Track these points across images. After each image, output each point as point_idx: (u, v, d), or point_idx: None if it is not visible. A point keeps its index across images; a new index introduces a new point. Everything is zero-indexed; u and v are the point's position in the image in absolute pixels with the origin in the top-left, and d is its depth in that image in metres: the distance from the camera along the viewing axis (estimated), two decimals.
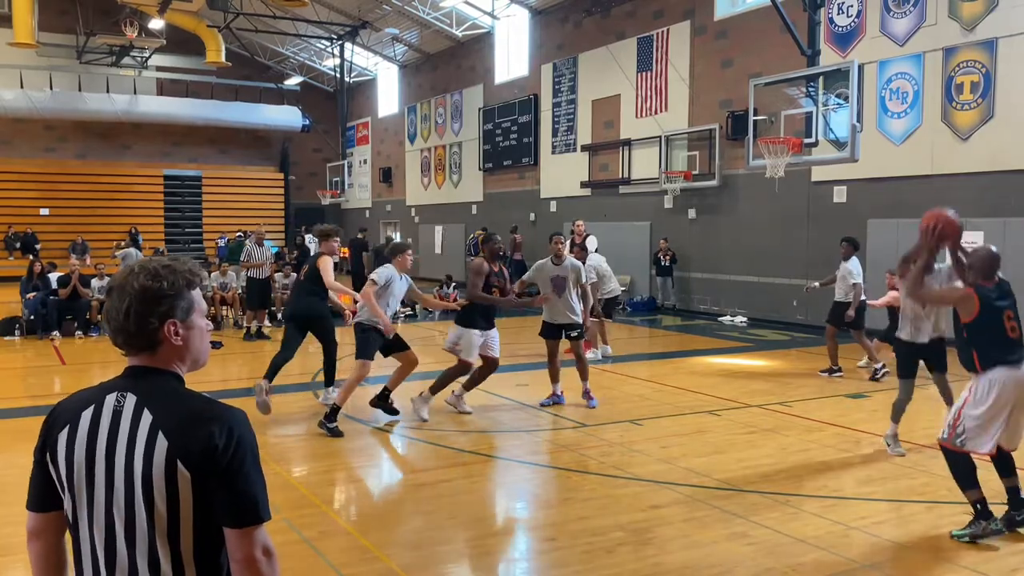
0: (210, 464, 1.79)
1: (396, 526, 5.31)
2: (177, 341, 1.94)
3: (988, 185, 12.71)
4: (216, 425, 1.82)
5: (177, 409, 1.87)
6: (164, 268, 1.93)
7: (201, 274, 2.02)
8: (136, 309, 1.91)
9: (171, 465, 1.80)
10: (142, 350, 1.97)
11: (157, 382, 1.95)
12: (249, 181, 34.10)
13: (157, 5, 24.26)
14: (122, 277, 1.95)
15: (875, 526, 5.15)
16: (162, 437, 1.82)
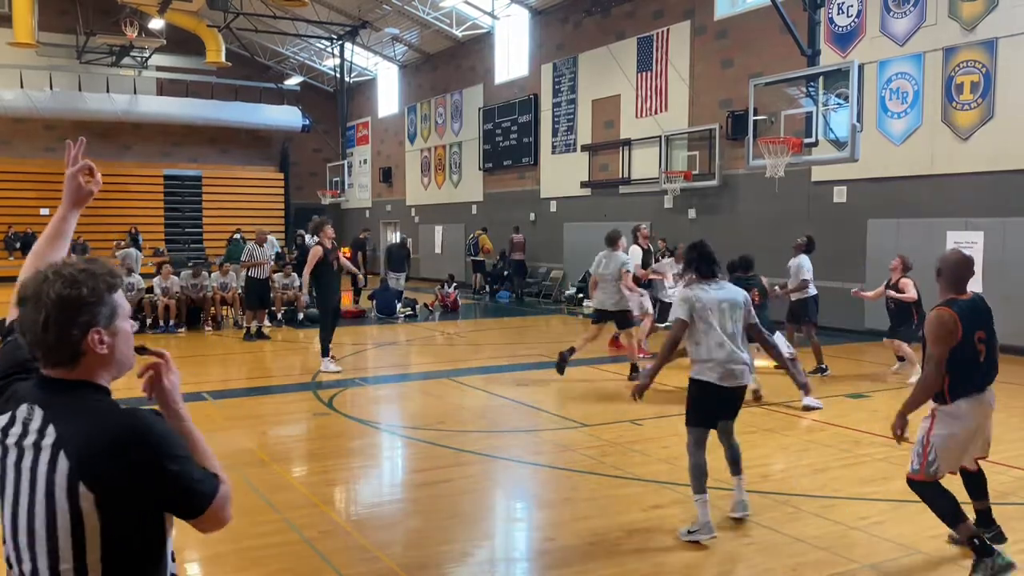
0: (125, 482, 1.73)
1: (396, 526, 5.31)
2: (102, 350, 1.81)
3: (988, 185, 12.71)
4: (123, 443, 1.73)
5: (85, 427, 1.76)
6: (82, 273, 1.80)
7: (120, 275, 1.91)
8: (55, 319, 1.75)
9: (73, 486, 1.72)
10: (62, 363, 1.80)
11: (70, 396, 1.81)
12: (249, 181, 34.11)
13: (157, 5, 24.27)
14: (35, 285, 1.79)
15: (875, 526, 5.15)
16: (64, 457, 1.73)
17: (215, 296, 15.46)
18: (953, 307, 4.35)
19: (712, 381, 5.04)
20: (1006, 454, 6.86)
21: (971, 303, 4.44)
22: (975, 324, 4.37)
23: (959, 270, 4.48)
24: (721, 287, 5.17)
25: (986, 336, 4.46)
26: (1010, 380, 10.38)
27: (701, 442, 5.18)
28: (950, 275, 4.47)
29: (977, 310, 4.45)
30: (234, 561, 4.62)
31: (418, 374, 11.08)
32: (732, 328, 5.09)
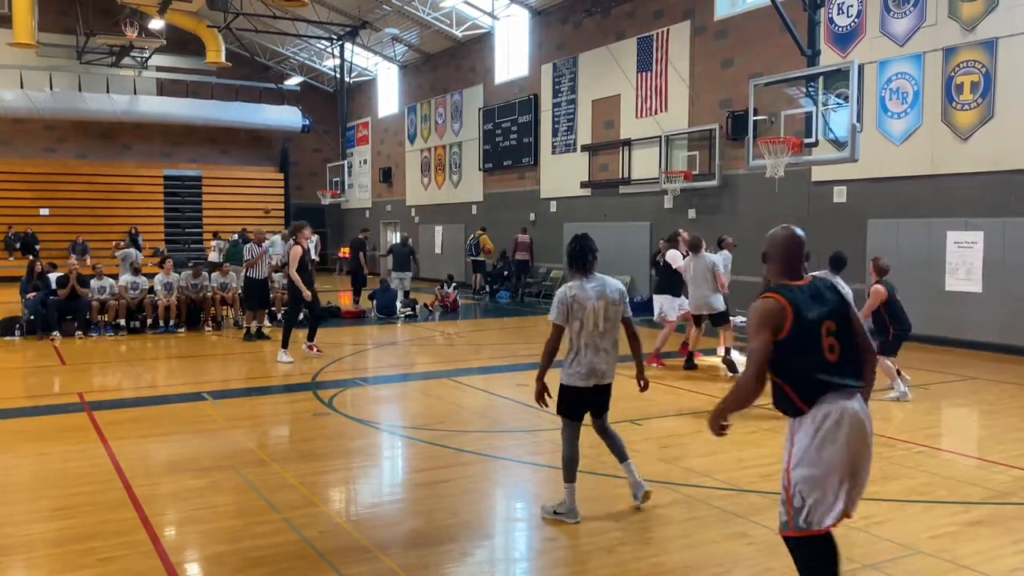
0: None
1: (396, 526, 5.31)
2: None
3: (988, 185, 12.72)
4: None
5: None
6: None
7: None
8: None
9: None
10: None
11: None
12: (249, 181, 34.12)
13: (157, 5, 24.27)
14: None
15: (875, 526, 5.15)
16: None
17: (215, 296, 15.47)
18: (783, 293, 3.46)
19: (576, 385, 5.22)
20: (1006, 454, 6.86)
21: (810, 289, 3.52)
22: (817, 314, 3.44)
23: (789, 250, 3.60)
24: (600, 282, 5.24)
25: (837, 328, 3.47)
26: (1010, 380, 10.40)
27: (574, 434, 5.39)
28: (778, 256, 3.62)
29: (820, 297, 3.50)
30: (234, 561, 4.62)
31: (418, 374, 11.08)
32: (604, 326, 5.17)
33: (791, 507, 3.40)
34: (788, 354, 3.40)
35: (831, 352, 3.42)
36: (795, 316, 3.39)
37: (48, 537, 4.99)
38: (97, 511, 5.41)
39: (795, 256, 3.60)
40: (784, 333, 3.39)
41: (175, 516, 5.44)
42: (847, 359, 3.46)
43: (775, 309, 3.42)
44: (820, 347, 3.41)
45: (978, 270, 12.75)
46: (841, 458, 3.34)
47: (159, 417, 8.37)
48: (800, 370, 3.42)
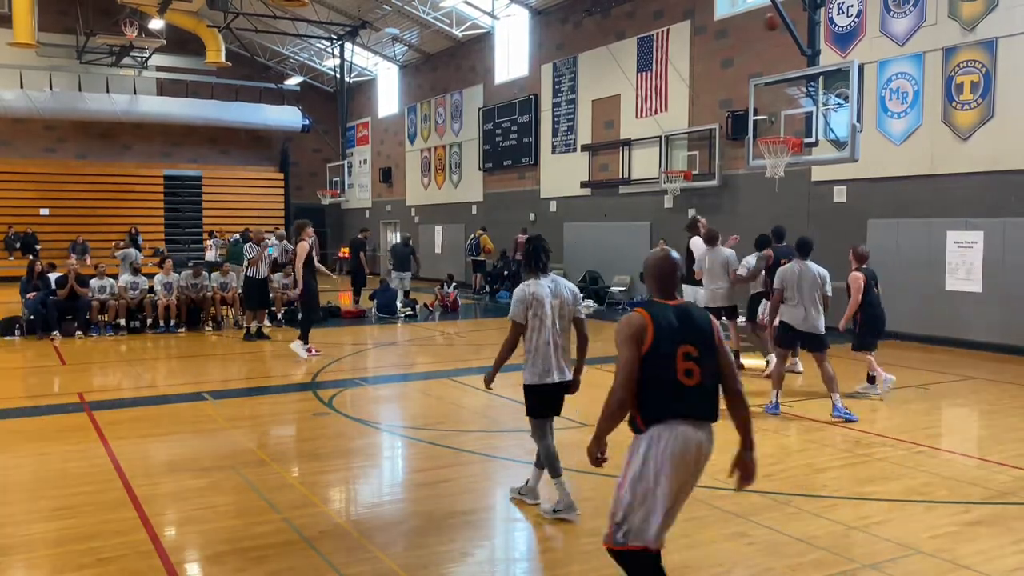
0: None
1: (396, 526, 5.31)
2: None
3: (988, 185, 12.71)
4: None
5: None
6: None
7: None
8: None
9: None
10: None
11: None
12: (249, 181, 34.11)
13: (157, 5, 24.27)
14: None
15: (875, 526, 5.15)
16: None
17: (215, 296, 15.47)
18: (648, 308, 3.54)
19: (539, 383, 5.32)
20: (1006, 454, 6.86)
21: (679, 310, 3.54)
22: (678, 336, 3.45)
23: (661, 271, 3.67)
24: (553, 281, 5.33)
25: (699, 355, 3.46)
26: (1010, 380, 10.40)
27: (545, 431, 5.47)
28: (651, 276, 3.71)
29: (687, 321, 3.52)
30: (234, 561, 4.63)
31: (418, 374, 11.08)
32: (560, 324, 5.30)
33: (612, 520, 3.52)
34: (643, 370, 3.44)
35: (687, 376, 3.43)
36: (654, 333, 3.43)
37: (48, 537, 4.99)
38: (97, 511, 5.41)
39: (667, 277, 3.66)
40: (645, 348, 3.43)
41: (175, 516, 5.44)
42: (705, 389, 3.47)
43: (638, 323, 3.47)
44: (674, 369, 3.42)
45: (978, 270, 12.75)
46: (665, 487, 3.41)
47: (159, 417, 8.38)
48: (648, 386, 3.44)
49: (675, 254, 3.75)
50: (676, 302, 3.60)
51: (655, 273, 3.68)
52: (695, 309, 3.63)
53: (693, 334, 3.49)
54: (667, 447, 3.41)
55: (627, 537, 3.46)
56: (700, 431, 3.46)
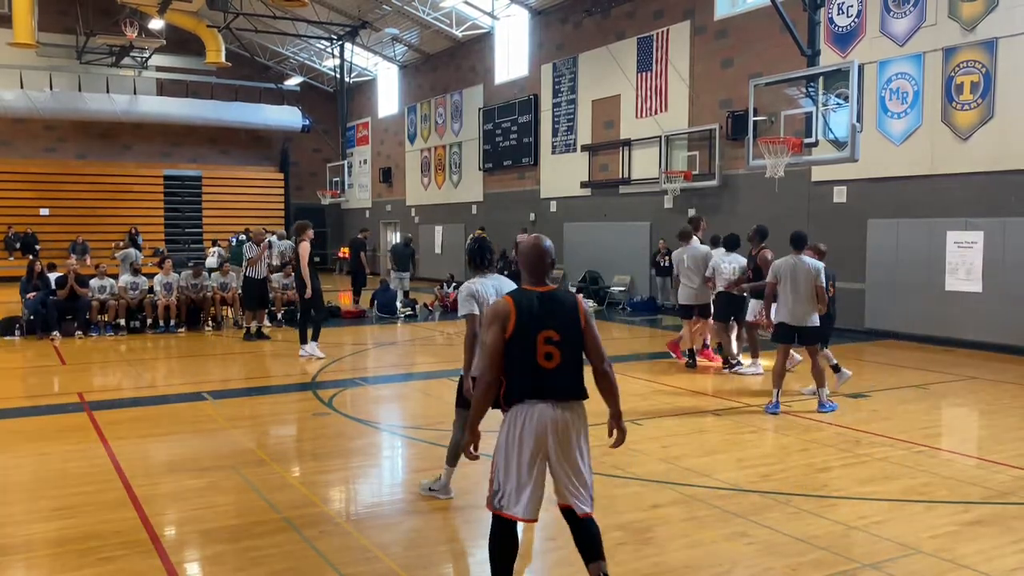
0: None
1: (396, 526, 5.31)
2: None
3: (988, 185, 12.72)
4: None
5: None
6: None
7: None
8: None
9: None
10: None
11: None
12: (249, 181, 34.12)
13: (157, 5, 24.27)
14: None
15: (875, 526, 5.15)
16: None
17: (215, 296, 15.47)
18: (514, 295, 3.76)
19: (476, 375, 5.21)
20: (1006, 454, 6.86)
21: (544, 297, 3.74)
22: (539, 322, 3.66)
23: (531, 258, 3.83)
24: (497, 280, 5.37)
25: (560, 339, 3.68)
26: (1010, 380, 10.40)
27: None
28: (522, 263, 3.88)
29: (552, 307, 3.72)
30: (234, 561, 4.63)
31: (418, 374, 11.08)
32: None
33: (491, 487, 3.82)
34: (507, 354, 3.68)
35: (547, 360, 3.66)
36: (517, 318, 3.65)
37: (48, 537, 4.99)
38: (97, 511, 5.41)
39: (536, 264, 3.83)
40: (508, 333, 3.66)
41: (175, 516, 5.44)
42: (566, 370, 3.69)
43: (502, 309, 3.72)
44: (535, 352, 3.65)
45: (978, 270, 12.75)
46: (526, 459, 3.68)
47: (159, 417, 8.37)
48: (511, 370, 3.69)
49: (548, 242, 3.90)
50: (544, 288, 3.79)
51: (523, 260, 3.86)
52: (562, 295, 3.80)
53: (555, 319, 3.70)
54: (526, 425, 3.68)
55: (502, 504, 3.75)
56: (558, 409, 3.69)
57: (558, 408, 3.70)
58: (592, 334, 3.79)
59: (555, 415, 3.69)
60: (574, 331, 3.73)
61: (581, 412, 3.78)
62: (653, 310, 18.74)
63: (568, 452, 3.73)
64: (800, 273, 8.42)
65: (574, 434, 3.74)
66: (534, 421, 3.68)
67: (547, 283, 3.83)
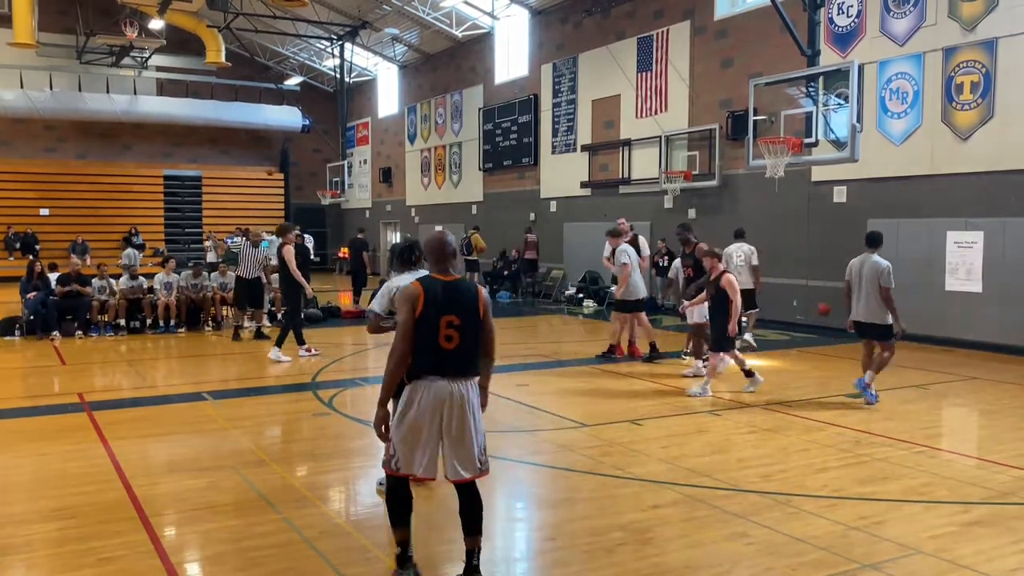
0: None
1: None
2: None
3: (988, 185, 12.72)
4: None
5: None
6: None
7: None
8: None
9: None
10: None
11: None
12: (249, 181, 34.12)
13: (157, 5, 24.26)
14: None
15: (875, 526, 5.15)
16: None
17: (215, 296, 15.47)
18: (423, 281, 4.22)
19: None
20: (1006, 454, 6.86)
21: (450, 286, 4.21)
22: (443, 307, 4.13)
23: (435, 250, 4.36)
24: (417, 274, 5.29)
25: (461, 324, 4.15)
26: (1010, 380, 10.40)
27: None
28: (427, 255, 4.45)
29: (455, 295, 4.19)
30: (234, 561, 4.63)
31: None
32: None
33: (387, 452, 4.28)
34: (415, 333, 4.13)
35: (447, 341, 4.14)
36: (424, 302, 4.12)
37: (48, 537, 4.99)
38: (97, 511, 5.41)
39: (439, 255, 4.33)
40: (416, 314, 4.11)
41: (175, 516, 5.43)
42: (464, 352, 4.18)
43: (413, 293, 4.16)
44: (437, 334, 4.12)
45: (978, 270, 12.75)
46: (420, 428, 4.16)
47: (159, 417, 8.37)
48: (417, 349, 4.15)
49: (450, 237, 4.41)
50: (448, 278, 4.25)
51: (428, 252, 4.39)
52: (464, 285, 4.27)
53: (457, 306, 4.17)
54: (424, 397, 4.16)
55: (398, 466, 4.24)
56: (454, 384, 4.17)
57: (454, 383, 4.16)
58: (488, 325, 4.30)
59: (451, 390, 4.15)
60: (473, 318, 4.21)
61: (473, 387, 4.25)
62: (653, 310, 18.72)
63: (459, 423, 4.18)
64: (866, 271, 8.66)
65: (467, 406, 4.19)
66: (431, 395, 4.14)
67: (451, 273, 4.29)
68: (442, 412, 4.16)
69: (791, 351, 12.96)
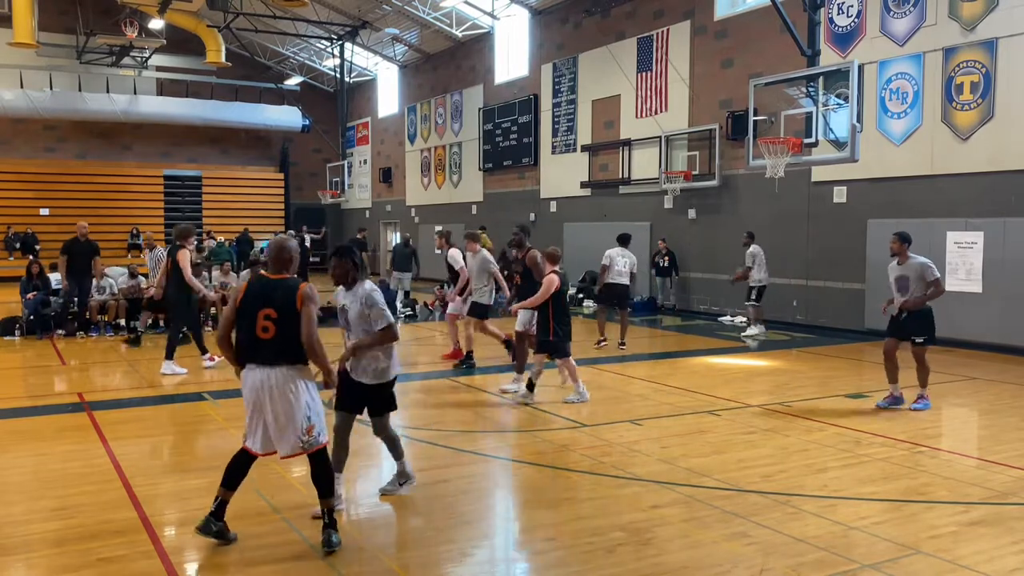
0: None
1: (396, 526, 5.31)
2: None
3: (988, 185, 12.72)
4: None
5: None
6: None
7: None
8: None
9: None
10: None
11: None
12: (249, 181, 34.11)
13: (157, 5, 24.25)
14: None
15: (875, 526, 5.15)
16: None
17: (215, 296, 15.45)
18: (249, 279, 4.86)
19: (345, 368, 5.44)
20: (1006, 454, 6.86)
21: (271, 283, 4.73)
22: (261, 302, 4.65)
23: (271, 253, 4.85)
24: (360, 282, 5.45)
25: (277, 317, 4.61)
26: (1010, 380, 10.40)
27: (339, 427, 5.53)
28: (268, 258, 4.89)
29: (269, 291, 4.69)
30: (234, 561, 4.63)
31: (418, 374, 11.08)
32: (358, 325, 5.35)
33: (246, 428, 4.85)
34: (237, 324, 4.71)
35: (264, 332, 4.62)
36: (244, 297, 4.70)
37: (48, 537, 4.99)
38: (97, 511, 5.41)
39: (275, 258, 4.81)
40: (236, 306, 4.71)
41: (175, 516, 5.43)
42: (280, 342, 4.62)
43: (238, 288, 4.79)
44: (254, 326, 4.63)
45: (978, 270, 12.75)
46: (247, 407, 4.75)
47: (159, 417, 8.37)
48: (239, 338, 4.71)
49: (291, 243, 4.88)
50: (276, 276, 4.76)
51: (271, 255, 4.84)
52: (289, 282, 4.71)
53: (274, 302, 4.63)
54: (247, 383, 4.71)
55: (245, 439, 4.85)
56: (270, 371, 4.64)
57: (270, 371, 4.62)
58: (306, 318, 4.63)
59: (266, 376, 4.63)
60: (290, 313, 4.61)
61: (293, 373, 4.66)
62: (653, 310, 18.74)
63: (277, 406, 4.65)
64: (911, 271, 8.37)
65: (287, 391, 4.64)
66: (251, 380, 4.68)
67: (286, 274, 4.77)
68: (262, 396, 4.64)
69: (791, 351, 12.96)
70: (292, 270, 4.83)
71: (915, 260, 8.44)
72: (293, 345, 4.63)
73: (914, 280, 8.39)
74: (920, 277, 8.35)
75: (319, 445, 4.80)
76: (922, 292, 8.37)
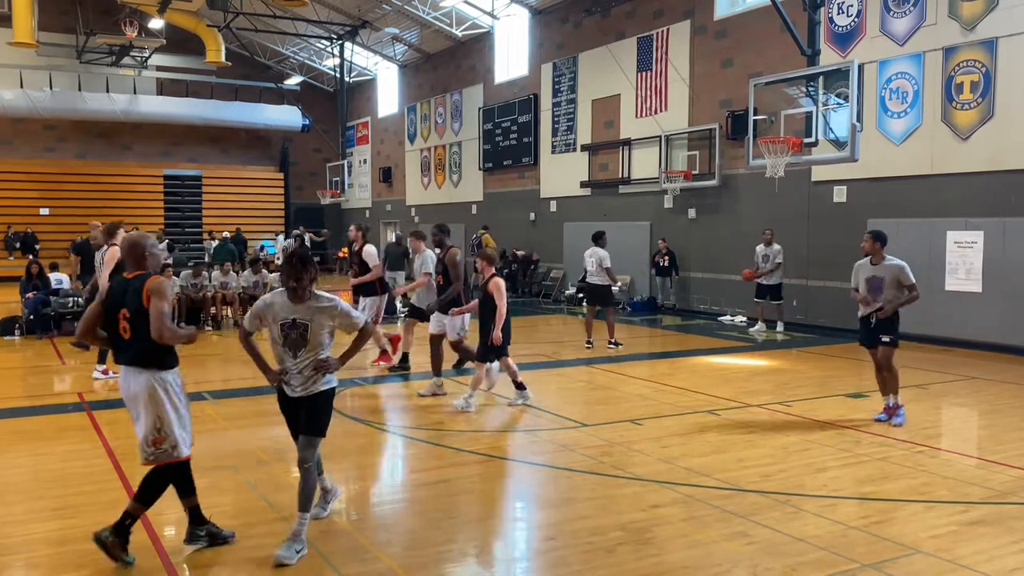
0: None
1: (396, 526, 5.31)
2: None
3: (988, 185, 12.72)
4: None
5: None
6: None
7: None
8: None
9: None
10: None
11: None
12: (249, 181, 34.12)
13: (157, 5, 24.27)
14: None
15: (875, 526, 5.15)
16: None
17: (215, 296, 15.47)
18: (111, 280, 4.83)
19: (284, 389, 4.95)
20: (1006, 454, 6.87)
21: (127, 283, 4.61)
22: (118, 302, 4.59)
23: (125, 250, 4.74)
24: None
25: (131, 317, 4.54)
26: (1010, 380, 10.40)
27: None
28: (123, 255, 4.78)
29: (123, 291, 4.60)
30: (234, 561, 4.63)
31: (418, 374, 11.08)
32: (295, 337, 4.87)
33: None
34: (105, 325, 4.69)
35: (125, 332, 4.58)
36: (105, 298, 4.67)
37: (48, 537, 5.00)
38: (97, 511, 5.40)
39: (128, 255, 4.69)
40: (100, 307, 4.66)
41: (175, 516, 5.43)
42: (135, 342, 4.54)
43: (105, 288, 4.78)
44: (117, 327, 4.60)
45: (978, 270, 12.75)
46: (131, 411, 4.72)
47: None
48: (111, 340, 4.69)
49: (148, 240, 4.75)
50: (132, 275, 4.63)
51: (124, 253, 4.74)
52: (142, 279, 4.57)
53: (128, 302, 4.55)
54: (121, 385, 4.69)
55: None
56: (131, 372, 4.59)
57: (131, 372, 4.58)
58: (153, 313, 4.50)
59: (129, 378, 4.60)
60: (141, 313, 4.51)
61: (155, 377, 4.55)
62: (653, 310, 18.74)
63: (137, 410, 4.61)
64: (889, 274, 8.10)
65: (143, 395, 4.55)
66: (122, 382, 4.67)
67: (141, 271, 4.64)
68: (130, 399, 4.64)
69: (791, 351, 12.96)
70: (149, 267, 4.66)
71: (891, 262, 8.11)
72: (149, 345, 4.51)
73: (889, 283, 8.07)
74: (895, 280, 8.05)
75: (170, 459, 4.59)
76: (896, 296, 8.08)
